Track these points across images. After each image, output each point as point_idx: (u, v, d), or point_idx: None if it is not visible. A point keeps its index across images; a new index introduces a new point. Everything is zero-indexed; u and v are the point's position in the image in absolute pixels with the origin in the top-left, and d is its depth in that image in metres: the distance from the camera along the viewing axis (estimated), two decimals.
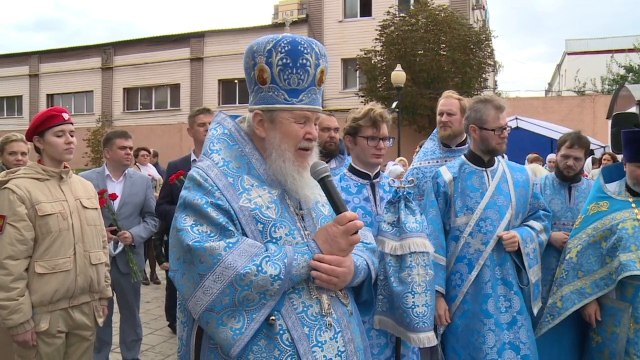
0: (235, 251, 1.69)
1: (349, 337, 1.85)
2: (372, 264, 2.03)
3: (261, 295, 1.69)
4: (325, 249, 1.80)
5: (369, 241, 2.11)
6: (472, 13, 24.96)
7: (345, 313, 1.88)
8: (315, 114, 1.90)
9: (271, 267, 1.69)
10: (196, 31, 27.81)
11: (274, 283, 1.69)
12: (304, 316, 1.77)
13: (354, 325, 1.91)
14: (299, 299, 1.79)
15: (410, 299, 2.50)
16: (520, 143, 12.11)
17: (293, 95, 1.84)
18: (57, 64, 30.45)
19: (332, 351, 1.79)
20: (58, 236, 2.97)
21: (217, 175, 1.83)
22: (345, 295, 1.93)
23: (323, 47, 1.91)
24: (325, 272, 1.78)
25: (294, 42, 1.82)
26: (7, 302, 2.82)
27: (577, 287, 3.29)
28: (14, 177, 3.00)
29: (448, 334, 3.21)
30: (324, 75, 1.90)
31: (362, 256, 1.99)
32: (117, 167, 4.47)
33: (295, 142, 1.87)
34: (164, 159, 9.09)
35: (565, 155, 3.83)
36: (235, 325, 1.68)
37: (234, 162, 1.88)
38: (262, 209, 1.81)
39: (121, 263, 4.34)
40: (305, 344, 1.74)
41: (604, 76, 25.58)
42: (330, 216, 1.97)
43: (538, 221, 3.31)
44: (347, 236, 1.80)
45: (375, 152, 2.81)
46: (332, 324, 1.81)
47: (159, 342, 5.59)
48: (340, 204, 1.82)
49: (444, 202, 3.28)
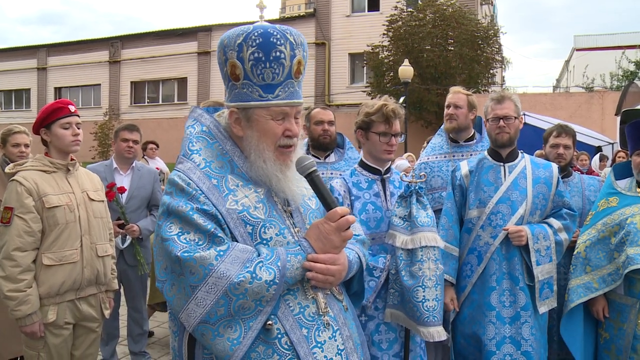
0: (226, 259, 1.61)
1: (347, 334, 1.81)
2: (364, 256, 1.98)
3: (257, 302, 1.62)
4: (318, 247, 1.73)
5: (358, 232, 2.04)
6: (480, 8, 24.84)
7: (341, 309, 1.83)
8: (295, 108, 1.78)
9: (265, 272, 1.62)
10: (203, 25, 27.82)
11: (270, 289, 1.62)
12: (302, 317, 1.72)
13: (350, 320, 1.87)
14: (295, 300, 1.72)
15: (420, 293, 2.50)
16: (527, 139, 12.03)
17: (268, 91, 1.72)
18: (65, 57, 30.56)
19: (332, 350, 1.74)
20: (65, 228, 2.98)
21: (200, 177, 1.72)
22: (340, 291, 1.88)
23: (300, 34, 1.78)
24: (320, 272, 1.72)
25: (265, 34, 1.69)
26: (15, 294, 2.83)
27: (585, 281, 3.27)
28: (21, 170, 3.01)
29: (457, 323, 3.27)
30: (302, 65, 1.77)
31: (354, 249, 1.92)
32: (122, 160, 4.48)
33: (273, 140, 1.76)
34: (171, 152, 9.09)
35: (555, 144, 3.83)
36: (232, 335, 1.61)
37: (216, 162, 1.77)
38: (250, 209, 1.72)
39: (128, 256, 4.35)
40: (305, 346, 1.69)
41: (613, 72, 25.39)
42: (318, 209, 1.91)
43: (558, 219, 3.26)
44: (340, 233, 1.72)
45: (386, 148, 2.79)
46: (330, 323, 1.76)
47: (166, 335, 5.60)
48: (331, 200, 1.75)
49: (461, 194, 3.33)
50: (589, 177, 4.09)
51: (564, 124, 3.95)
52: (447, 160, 3.92)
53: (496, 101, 3.27)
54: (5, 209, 2.93)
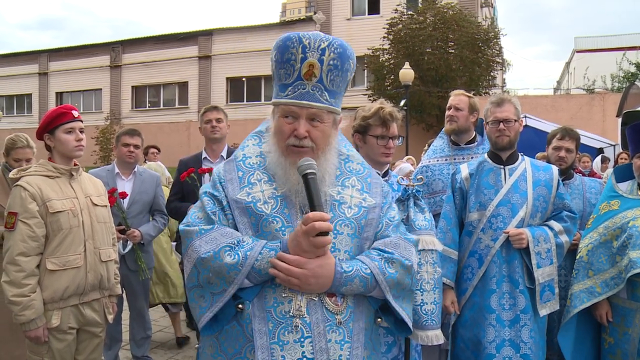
0: (205, 238, 1.77)
1: (321, 346, 1.72)
2: (382, 274, 1.81)
3: (221, 281, 1.74)
4: (291, 247, 1.72)
5: (392, 250, 1.87)
6: (480, 11, 24.86)
7: (327, 320, 1.75)
8: (306, 110, 1.79)
9: (229, 256, 1.73)
10: (204, 29, 27.91)
11: (230, 272, 1.72)
12: (272, 312, 1.74)
13: (341, 336, 1.76)
14: (272, 294, 1.75)
15: (419, 297, 2.50)
16: (528, 141, 12.02)
17: (282, 90, 1.83)
18: (66, 62, 30.64)
19: (293, 354, 1.71)
20: (69, 233, 2.99)
21: (229, 169, 1.91)
22: (338, 303, 1.78)
23: (323, 40, 1.80)
24: (281, 271, 1.71)
25: (285, 38, 1.82)
26: (19, 299, 2.84)
27: (587, 286, 3.26)
28: (25, 175, 3.03)
29: (458, 325, 3.27)
30: (316, 68, 1.78)
31: (368, 265, 1.80)
32: (124, 164, 4.49)
33: (282, 137, 1.82)
34: (173, 156, 9.11)
35: (557, 147, 3.82)
36: (202, 304, 1.79)
37: (254, 158, 1.93)
38: (259, 203, 1.82)
39: (130, 261, 4.35)
40: (264, 339, 1.71)
41: (614, 74, 25.38)
42: (353, 218, 1.86)
43: (559, 222, 3.26)
44: (309, 238, 1.66)
45: (384, 151, 2.79)
46: (300, 327, 1.72)
47: (169, 339, 5.61)
48: (317, 203, 1.69)
49: (461, 197, 3.34)
50: (590, 180, 4.09)
51: (569, 127, 3.93)
52: (448, 164, 3.92)
53: (496, 104, 3.28)
54: (9, 214, 2.94)
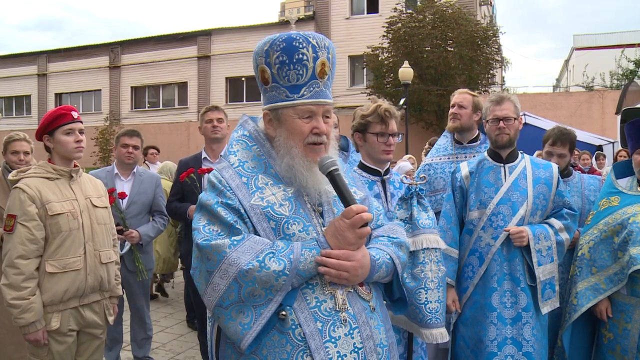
0: (239, 248, 1.72)
1: (367, 334, 1.82)
2: (398, 258, 1.96)
3: (267, 291, 1.70)
4: (334, 243, 1.78)
5: (396, 235, 2.04)
6: (479, 9, 24.84)
7: (365, 309, 1.84)
8: (322, 107, 1.87)
9: (275, 263, 1.70)
10: (203, 29, 27.87)
11: (279, 279, 1.70)
12: (317, 311, 1.76)
13: (377, 321, 1.88)
14: (312, 294, 1.78)
15: (423, 295, 2.50)
16: (528, 139, 12.02)
17: (294, 92, 1.84)
18: (65, 63, 30.61)
19: (346, 347, 1.76)
20: (68, 235, 2.98)
21: (232, 175, 1.87)
22: (368, 291, 1.89)
23: (325, 38, 1.89)
24: (332, 267, 1.76)
25: (288, 39, 1.82)
26: (18, 301, 2.84)
27: (592, 283, 3.27)
28: (24, 177, 3.02)
29: (459, 324, 3.27)
30: (327, 66, 1.88)
31: (386, 250, 1.94)
32: (123, 165, 4.49)
33: (301, 138, 1.86)
34: (173, 157, 9.11)
35: (549, 152, 3.82)
36: (244, 320, 1.71)
37: (250, 162, 1.91)
38: (275, 206, 1.82)
39: (128, 262, 4.35)
40: (317, 339, 1.73)
41: (613, 71, 25.38)
42: None
43: (559, 219, 3.26)
44: (354, 229, 1.76)
45: (385, 148, 2.83)
46: (348, 320, 1.78)
47: (170, 340, 5.61)
48: (350, 198, 1.79)
49: (461, 196, 3.34)
50: (589, 177, 4.08)
51: (564, 128, 3.89)
52: (451, 162, 3.93)
53: (495, 102, 3.27)
54: (8, 217, 2.93)
